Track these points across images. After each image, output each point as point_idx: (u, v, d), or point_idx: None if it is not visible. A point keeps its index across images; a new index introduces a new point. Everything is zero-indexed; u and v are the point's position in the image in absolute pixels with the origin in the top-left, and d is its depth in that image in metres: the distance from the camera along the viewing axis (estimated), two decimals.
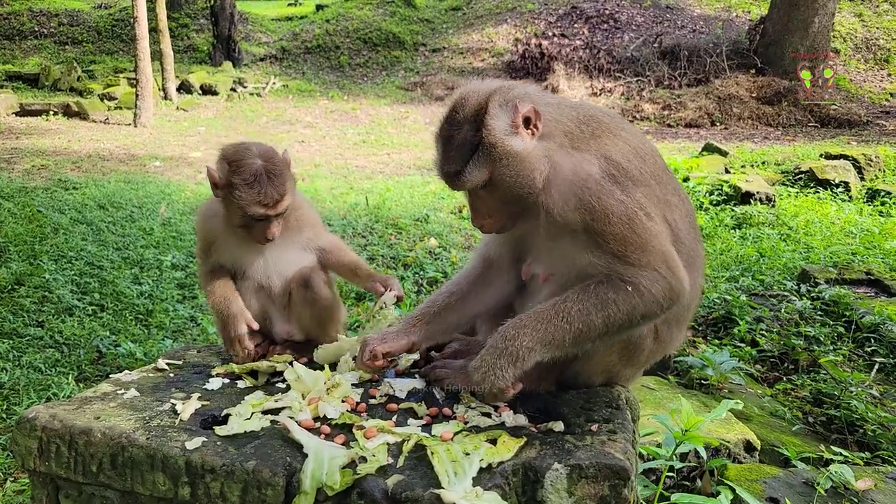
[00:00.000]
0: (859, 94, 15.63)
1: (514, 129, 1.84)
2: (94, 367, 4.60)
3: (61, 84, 15.98)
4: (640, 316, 1.82)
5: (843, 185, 8.58)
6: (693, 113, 14.48)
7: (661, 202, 1.91)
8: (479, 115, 1.85)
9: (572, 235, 1.84)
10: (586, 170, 1.83)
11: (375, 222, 7.58)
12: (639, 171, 1.87)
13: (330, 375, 2.09)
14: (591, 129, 1.92)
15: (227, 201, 2.18)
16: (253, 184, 2.11)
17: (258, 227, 2.19)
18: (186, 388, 2.07)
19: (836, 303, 5.21)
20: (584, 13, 19.12)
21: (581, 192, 1.81)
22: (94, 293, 5.59)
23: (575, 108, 1.98)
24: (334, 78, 18.23)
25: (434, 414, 1.90)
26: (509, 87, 1.92)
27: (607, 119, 1.99)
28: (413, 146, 12.58)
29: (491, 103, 1.86)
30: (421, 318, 2.16)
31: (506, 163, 1.83)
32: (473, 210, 1.97)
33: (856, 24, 17.93)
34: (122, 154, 11.14)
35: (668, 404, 3.75)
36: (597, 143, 1.89)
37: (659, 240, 1.82)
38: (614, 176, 1.83)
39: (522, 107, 1.83)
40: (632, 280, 1.79)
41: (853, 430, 3.81)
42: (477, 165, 1.84)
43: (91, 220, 7.23)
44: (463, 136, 1.85)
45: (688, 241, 1.98)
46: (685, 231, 1.98)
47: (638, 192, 1.84)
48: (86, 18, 20.05)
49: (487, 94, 1.88)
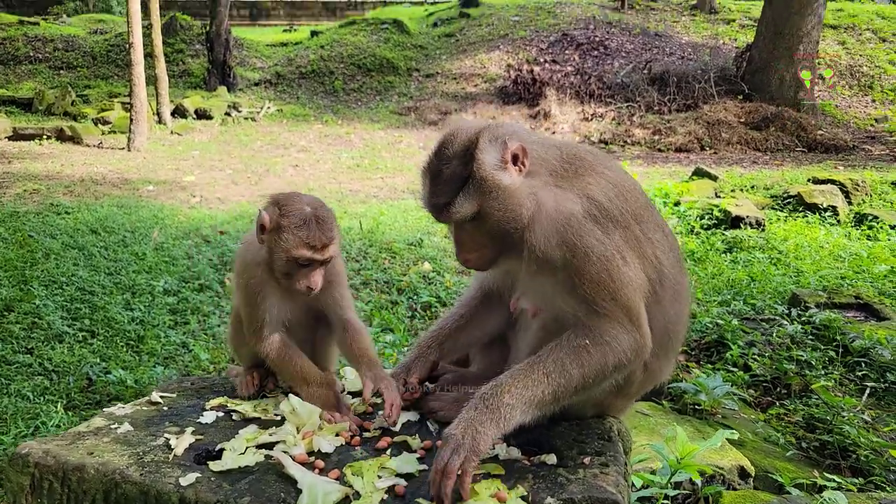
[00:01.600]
0: (845, 120, 15.91)
1: (503, 165, 1.88)
2: (83, 395, 4.55)
3: (55, 108, 16.02)
4: (612, 367, 1.84)
5: (831, 209, 8.69)
6: (683, 138, 14.67)
7: (643, 241, 1.95)
8: (470, 150, 1.89)
9: (552, 274, 1.87)
10: (569, 208, 1.87)
11: (369, 246, 7.60)
12: (619, 211, 1.91)
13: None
14: (574, 168, 1.96)
15: (272, 246, 2.11)
16: (301, 227, 2.08)
17: (302, 274, 2.11)
18: (180, 421, 2.06)
19: (826, 327, 5.25)
20: (575, 40, 19.44)
21: (564, 229, 1.85)
22: (85, 319, 5.56)
23: (559, 146, 2.03)
24: (328, 102, 18.38)
25: (428, 447, 1.90)
26: (498, 125, 1.96)
27: (590, 157, 2.03)
28: (407, 170, 12.66)
29: (481, 139, 1.89)
30: (434, 339, 2.24)
31: (495, 196, 1.86)
32: (459, 244, 1.99)
33: (840, 51, 18.31)
34: (115, 178, 11.14)
35: (661, 430, 3.75)
36: (580, 182, 1.93)
37: (629, 290, 1.85)
38: (596, 216, 1.87)
39: (511, 144, 1.87)
40: (599, 331, 1.83)
41: (846, 456, 3.82)
42: (466, 198, 1.87)
43: (83, 244, 7.21)
44: (452, 170, 1.89)
45: (672, 275, 2.02)
46: (669, 265, 2.01)
47: (617, 234, 1.88)
48: (81, 44, 20.19)
49: (477, 130, 1.92)
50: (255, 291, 2.16)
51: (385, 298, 6.36)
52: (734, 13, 21.26)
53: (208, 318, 5.77)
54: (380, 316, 5.88)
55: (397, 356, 5.02)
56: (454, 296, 6.43)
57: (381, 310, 6.05)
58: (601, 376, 1.85)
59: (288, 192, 2.22)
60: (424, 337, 2.26)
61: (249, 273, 2.18)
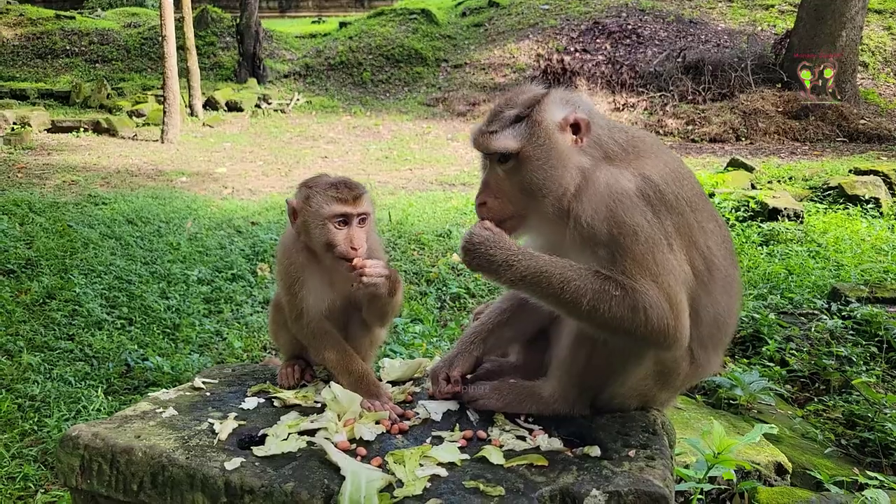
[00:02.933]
0: (889, 109, 15.39)
1: (563, 127, 1.87)
2: (122, 381, 4.66)
3: (91, 101, 16.37)
4: (624, 329, 1.78)
5: (873, 201, 8.43)
6: (718, 128, 14.36)
7: (696, 229, 1.90)
8: (537, 99, 1.90)
9: (594, 251, 1.83)
10: (623, 185, 1.83)
11: (398, 238, 7.62)
12: (674, 196, 1.86)
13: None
14: (632, 150, 1.93)
15: (307, 220, 2.11)
16: (329, 187, 2.10)
17: (343, 238, 2.06)
18: (223, 407, 2.09)
19: (868, 322, 5.10)
20: (607, 28, 19.14)
21: (614, 204, 1.80)
22: (123, 307, 5.68)
23: (623, 130, 2.00)
24: (357, 94, 18.44)
25: (469, 437, 1.90)
26: (572, 93, 1.97)
27: (650, 140, 2.01)
28: (435, 161, 12.65)
29: (552, 94, 1.92)
30: (478, 335, 2.21)
31: (542, 145, 1.84)
32: (484, 186, 1.94)
33: (885, 37, 17.69)
34: (149, 169, 11.36)
35: (695, 424, 3.70)
36: (637, 162, 1.89)
37: (670, 278, 1.80)
38: (649, 196, 1.82)
39: (579, 113, 1.87)
40: (635, 292, 1.76)
41: (888, 454, 3.72)
42: (513, 133, 1.86)
43: (120, 234, 7.37)
44: (513, 111, 1.90)
45: (723, 267, 1.97)
46: (720, 257, 1.96)
47: (668, 220, 1.83)
48: (116, 37, 20.56)
49: (550, 90, 1.95)
50: (294, 277, 2.17)
51: (414, 289, 6.38)
52: None
53: (241, 307, 5.85)
54: (409, 307, 5.89)
55: (427, 346, 5.04)
56: (483, 286, 6.42)
57: (411, 301, 6.07)
58: (606, 327, 1.79)
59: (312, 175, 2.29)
60: (468, 332, 2.24)
61: (290, 258, 2.19)
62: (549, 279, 1.77)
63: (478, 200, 1.94)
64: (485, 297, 6.29)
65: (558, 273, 1.77)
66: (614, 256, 1.80)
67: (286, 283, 2.20)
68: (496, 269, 1.81)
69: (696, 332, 1.94)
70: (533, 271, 1.78)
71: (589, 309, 1.75)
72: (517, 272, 1.79)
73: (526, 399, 2.04)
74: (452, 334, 5.36)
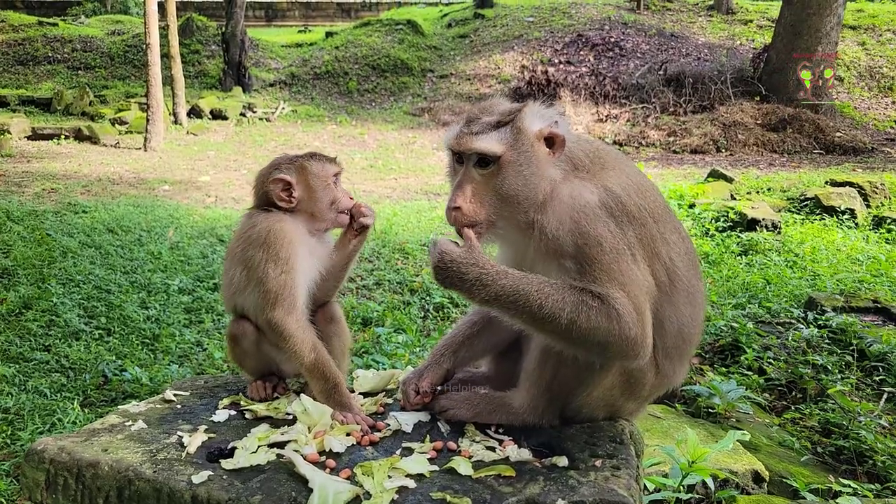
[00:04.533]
0: (864, 122, 15.70)
1: (539, 138, 1.89)
2: (99, 393, 4.60)
3: (73, 108, 16.24)
4: (598, 340, 1.77)
5: (848, 212, 8.57)
6: (698, 139, 14.56)
7: (658, 240, 1.92)
8: (517, 110, 1.93)
9: (561, 262, 1.84)
10: (586, 197, 1.85)
11: (382, 247, 7.62)
12: (637, 207, 1.88)
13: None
14: (600, 162, 1.96)
15: (309, 188, 2.24)
16: (315, 155, 2.31)
17: (339, 192, 2.28)
18: (193, 419, 2.07)
19: (843, 331, 5.18)
20: (590, 41, 19.36)
21: (578, 216, 1.82)
22: (101, 317, 5.62)
23: (589, 142, 2.03)
24: (343, 103, 18.46)
25: (439, 448, 1.90)
26: (547, 107, 1.98)
27: (614, 153, 2.04)
28: (420, 171, 12.68)
29: (532, 105, 1.94)
30: (448, 347, 2.21)
31: (524, 152, 1.86)
32: (459, 189, 1.89)
33: (859, 52, 18.07)
34: (131, 178, 11.27)
35: (674, 433, 3.72)
36: (601, 175, 1.92)
37: (636, 287, 1.81)
38: (612, 208, 1.85)
39: (557, 128, 1.90)
40: (609, 301, 1.76)
41: (862, 461, 3.76)
42: (498, 137, 1.87)
43: (100, 243, 7.30)
44: (492, 118, 1.92)
45: (686, 278, 1.99)
46: (683, 268, 1.98)
47: (631, 231, 1.84)
48: (99, 44, 20.44)
49: (527, 102, 1.98)
50: (292, 257, 2.14)
51: (398, 299, 6.37)
52: (752, 14, 21.05)
53: (222, 317, 5.81)
54: (392, 316, 5.89)
55: (409, 356, 5.03)
56: None
57: (394, 310, 6.06)
58: (588, 338, 1.77)
59: (284, 155, 2.38)
60: (439, 344, 2.24)
61: (287, 237, 2.15)
62: (525, 296, 1.75)
63: (450, 203, 1.89)
64: (468, 306, 6.31)
65: (535, 290, 1.76)
66: (582, 267, 1.80)
67: (281, 267, 2.12)
68: (469, 288, 1.79)
69: (661, 342, 1.96)
70: (509, 290, 1.76)
71: (568, 322, 1.74)
72: (491, 291, 1.77)
73: (496, 410, 2.05)
74: (435, 344, 5.36)
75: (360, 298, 6.38)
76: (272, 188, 2.24)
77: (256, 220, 2.23)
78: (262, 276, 2.11)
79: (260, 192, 2.32)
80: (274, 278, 2.10)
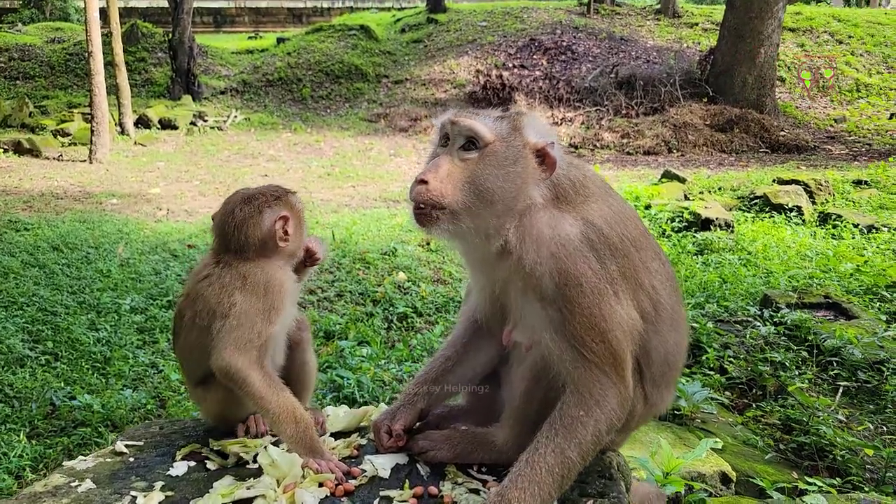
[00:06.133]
0: (806, 121, 16.31)
1: (532, 148, 1.84)
2: (47, 423, 4.37)
3: (12, 120, 15.52)
4: (605, 431, 1.75)
5: (796, 209, 8.86)
6: (651, 141, 14.86)
7: (641, 270, 1.88)
8: (519, 112, 1.91)
9: (541, 301, 1.77)
10: (566, 230, 1.79)
11: (343, 257, 7.49)
12: (619, 238, 1.83)
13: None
14: (585, 191, 1.88)
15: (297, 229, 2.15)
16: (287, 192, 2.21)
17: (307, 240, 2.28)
18: (148, 475, 1.89)
19: (798, 327, 5.33)
20: (543, 45, 19.58)
21: (557, 250, 1.75)
22: (48, 341, 5.35)
23: (578, 168, 1.94)
24: (297, 110, 18.18)
25: (419, 494, 1.80)
26: (546, 124, 1.96)
27: (598, 182, 1.97)
28: (378, 178, 12.56)
29: (533, 116, 1.91)
30: (422, 385, 2.10)
31: (512, 148, 1.80)
32: (433, 166, 1.79)
33: (799, 53, 18.79)
34: (76, 192, 10.82)
35: (643, 438, 3.74)
36: (583, 206, 1.85)
37: (618, 332, 1.76)
38: (593, 242, 1.78)
39: (552, 149, 1.83)
40: (588, 390, 1.73)
41: (823, 456, 3.86)
42: (493, 125, 1.83)
43: (44, 262, 6.97)
44: (489, 113, 1.90)
45: (669, 305, 1.95)
46: (666, 295, 1.95)
47: (613, 265, 1.78)
48: (38, 53, 19.62)
49: (527, 112, 1.97)
50: (282, 303, 2.02)
51: (360, 310, 6.27)
52: (697, 17, 21.67)
53: None
54: (356, 328, 5.78)
55: (374, 370, 4.94)
56: (430, 306, 6.37)
57: (357, 322, 5.95)
58: (597, 444, 1.75)
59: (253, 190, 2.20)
60: (412, 382, 2.14)
61: (282, 284, 2.03)
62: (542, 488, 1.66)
63: (419, 176, 1.77)
64: (432, 314, 6.25)
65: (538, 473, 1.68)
66: (563, 315, 1.73)
67: (270, 320, 1.97)
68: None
69: (649, 372, 1.92)
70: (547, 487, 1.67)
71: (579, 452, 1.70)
72: None
73: (478, 448, 1.97)
74: (401, 356, 5.28)
75: (322, 311, 6.25)
76: (276, 228, 2.02)
77: (245, 270, 2.00)
78: (241, 322, 1.92)
79: (245, 235, 2.04)
80: (254, 327, 1.93)
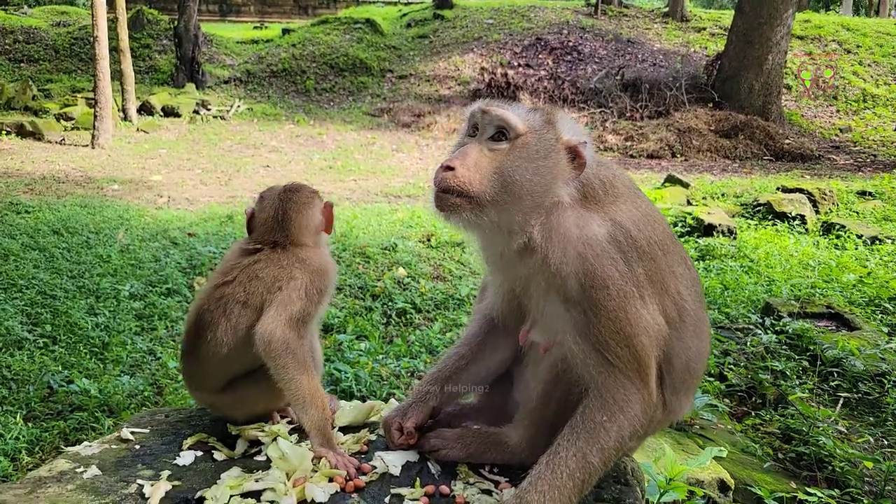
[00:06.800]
0: (811, 129, 16.30)
1: (565, 144, 1.79)
2: (44, 405, 4.34)
3: (15, 103, 15.46)
4: (628, 437, 1.72)
5: (799, 217, 8.85)
6: (655, 144, 14.84)
7: (667, 274, 1.84)
8: (551, 110, 1.87)
9: (565, 303, 1.73)
10: (594, 230, 1.74)
11: (343, 251, 7.46)
12: (647, 241, 1.78)
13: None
14: (613, 191, 1.84)
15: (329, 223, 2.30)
16: None
17: None
18: (154, 463, 1.86)
19: (799, 336, 5.32)
20: (549, 44, 19.54)
21: (584, 250, 1.71)
22: (46, 325, 5.31)
23: (608, 167, 1.90)
24: (300, 102, 18.12)
25: (430, 493, 1.77)
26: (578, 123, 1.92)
27: (627, 182, 1.93)
28: (380, 173, 12.53)
29: (566, 113, 1.88)
30: (434, 383, 2.07)
31: (544, 142, 1.75)
32: (461, 154, 1.74)
33: (807, 61, 18.76)
34: (78, 176, 10.78)
35: (645, 443, 3.73)
36: (612, 207, 1.81)
37: (644, 337, 1.72)
38: (620, 243, 1.74)
39: (584, 147, 1.78)
40: (612, 396, 1.70)
41: (822, 467, 3.85)
42: (526, 116, 1.78)
43: (44, 245, 6.93)
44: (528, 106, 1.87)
45: (693, 311, 1.92)
46: (691, 301, 1.91)
47: (640, 268, 1.74)
48: (43, 36, 19.54)
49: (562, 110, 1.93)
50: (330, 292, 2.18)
51: (359, 304, 6.24)
52: (705, 21, 21.63)
53: (176, 323, 5.58)
54: (354, 322, 5.76)
55: (373, 364, 4.92)
56: (429, 302, 6.34)
57: (356, 316, 5.93)
58: (619, 450, 1.72)
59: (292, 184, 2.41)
60: (424, 379, 2.11)
61: (333, 272, 2.21)
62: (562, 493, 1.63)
63: (445, 163, 1.72)
64: (431, 311, 6.22)
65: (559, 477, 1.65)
66: (587, 318, 1.70)
67: (320, 299, 2.11)
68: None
69: (670, 379, 1.89)
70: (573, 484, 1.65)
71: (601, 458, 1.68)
72: None
73: (491, 448, 1.94)
74: (399, 351, 5.26)
75: None
76: (324, 215, 2.27)
77: (303, 254, 2.16)
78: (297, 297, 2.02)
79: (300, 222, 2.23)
80: (306, 303, 2.03)
